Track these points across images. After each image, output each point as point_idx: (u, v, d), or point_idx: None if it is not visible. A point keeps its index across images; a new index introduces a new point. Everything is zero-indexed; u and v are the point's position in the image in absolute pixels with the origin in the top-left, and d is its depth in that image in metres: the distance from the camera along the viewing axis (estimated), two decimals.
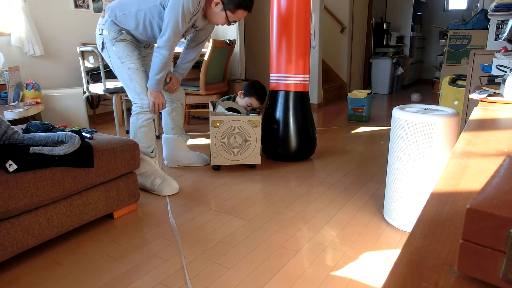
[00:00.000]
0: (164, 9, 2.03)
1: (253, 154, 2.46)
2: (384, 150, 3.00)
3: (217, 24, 2.22)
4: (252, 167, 2.59)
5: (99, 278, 1.38)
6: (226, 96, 2.75)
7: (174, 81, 2.40)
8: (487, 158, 0.64)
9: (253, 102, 2.62)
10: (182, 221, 1.83)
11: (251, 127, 2.40)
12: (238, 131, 2.41)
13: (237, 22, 4.11)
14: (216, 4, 2.08)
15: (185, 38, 2.38)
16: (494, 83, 1.65)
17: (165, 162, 2.62)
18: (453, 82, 2.86)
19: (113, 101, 3.12)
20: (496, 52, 1.90)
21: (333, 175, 2.44)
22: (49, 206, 1.51)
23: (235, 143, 2.43)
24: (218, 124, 2.38)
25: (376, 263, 1.46)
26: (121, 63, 2.14)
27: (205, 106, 4.26)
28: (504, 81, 1.25)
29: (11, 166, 1.35)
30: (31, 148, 1.45)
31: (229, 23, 2.17)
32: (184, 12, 1.98)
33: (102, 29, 2.14)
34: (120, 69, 2.15)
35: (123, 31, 2.13)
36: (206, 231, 1.73)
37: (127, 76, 2.15)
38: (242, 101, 2.65)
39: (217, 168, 2.55)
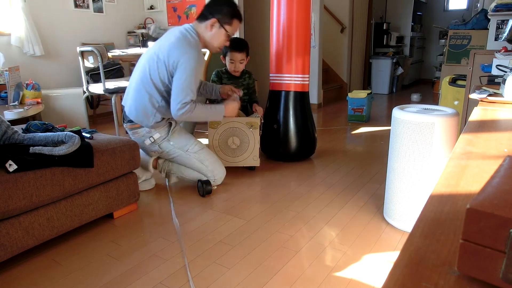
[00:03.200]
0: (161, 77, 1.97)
1: (252, 156, 2.44)
2: (384, 150, 3.00)
3: (218, 48, 2.13)
4: (251, 169, 2.56)
5: (99, 278, 1.38)
6: (216, 70, 2.63)
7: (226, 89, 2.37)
8: (487, 158, 0.64)
9: (233, 56, 2.50)
10: (182, 221, 1.83)
11: (249, 129, 2.39)
12: (236, 132, 2.40)
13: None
14: (212, 26, 2.02)
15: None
16: (494, 83, 1.65)
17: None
18: (453, 82, 2.86)
19: (113, 101, 3.12)
20: (496, 52, 1.90)
21: (333, 175, 2.44)
22: (49, 206, 1.51)
23: (233, 145, 2.42)
24: (216, 125, 2.37)
25: (376, 263, 1.46)
26: (185, 152, 2.13)
27: None
28: (504, 81, 1.25)
29: (11, 166, 1.35)
30: (31, 148, 1.45)
31: (228, 39, 2.12)
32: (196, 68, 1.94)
33: (150, 136, 2.09)
34: (187, 157, 2.14)
35: (168, 120, 2.12)
36: (206, 231, 1.73)
37: (197, 161, 2.14)
38: (227, 63, 2.56)
39: None
